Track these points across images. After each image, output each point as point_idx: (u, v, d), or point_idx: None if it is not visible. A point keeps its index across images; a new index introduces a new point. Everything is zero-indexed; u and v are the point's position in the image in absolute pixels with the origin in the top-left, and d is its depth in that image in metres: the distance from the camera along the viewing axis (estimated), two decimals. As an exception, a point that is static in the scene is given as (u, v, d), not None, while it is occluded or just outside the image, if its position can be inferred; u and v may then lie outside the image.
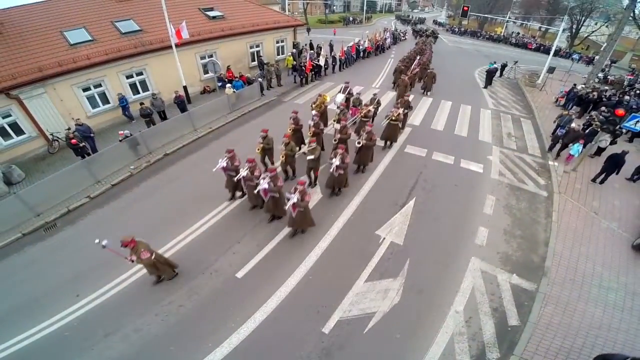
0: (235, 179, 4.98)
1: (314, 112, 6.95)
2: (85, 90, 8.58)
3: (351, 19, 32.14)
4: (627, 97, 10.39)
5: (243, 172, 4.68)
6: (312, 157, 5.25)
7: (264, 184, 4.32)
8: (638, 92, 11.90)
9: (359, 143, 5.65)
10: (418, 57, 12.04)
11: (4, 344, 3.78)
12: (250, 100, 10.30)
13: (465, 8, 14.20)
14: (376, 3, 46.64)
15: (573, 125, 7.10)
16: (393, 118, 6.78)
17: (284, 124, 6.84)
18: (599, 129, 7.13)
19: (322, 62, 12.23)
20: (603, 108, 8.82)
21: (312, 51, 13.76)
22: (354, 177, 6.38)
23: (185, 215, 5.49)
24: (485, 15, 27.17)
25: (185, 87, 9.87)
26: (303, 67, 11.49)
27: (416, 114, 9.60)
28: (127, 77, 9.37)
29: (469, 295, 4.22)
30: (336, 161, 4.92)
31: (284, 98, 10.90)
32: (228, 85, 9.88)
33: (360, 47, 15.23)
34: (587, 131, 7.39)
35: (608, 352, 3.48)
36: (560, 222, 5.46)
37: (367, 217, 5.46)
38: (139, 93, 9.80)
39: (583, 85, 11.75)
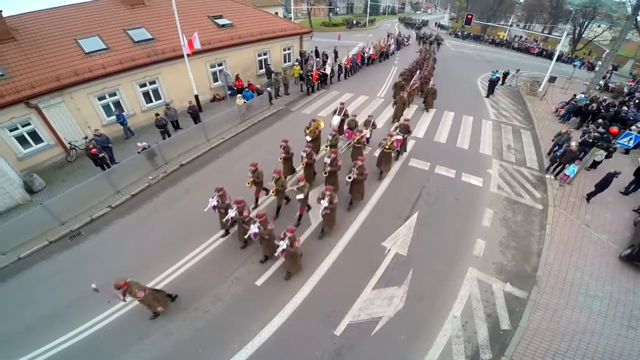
0: (224, 219, 4.96)
1: (307, 138, 6.91)
2: (100, 99, 8.87)
3: (355, 22, 32.17)
4: (624, 108, 10.65)
5: (232, 213, 4.68)
6: (301, 196, 5.18)
7: (254, 228, 4.35)
8: (637, 101, 12.13)
9: (349, 178, 5.51)
10: (419, 71, 11.89)
11: (43, 347, 4.12)
12: (260, 109, 10.66)
13: (470, 16, 14.41)
14: (379, 5, 46.46)
15: (572, 144, 7.05)
16: (386, 146, 6.52)
17: (291, 136, 7.00)
18: (591, 139, 7.40)
19: (328, 70, 12.52)
20: (600, 120, 9.14)
21: (318, 59, 14.05)
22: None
23: (204, 227, 5.81)
24: (487, 24, 27.20)
25: (196, 96, 10.17)
26: (310, 76, 11.80)
27: (419, 126, 9.94)
28: (141, 86, 9.67)
29: (466, 302, 4.65)
30: (324, 202, 4.83)
31: (292, 107, 11.23)
32: (239, 95, 10.23)
33: (365, 54, 15.50)
34: (580, 140, 7.60)
35: None
36: (553, 234, 5.85)
37: (374, 229, 5.86)
38: (151, 102, 10.11)
39: (583, 95, 12.01)
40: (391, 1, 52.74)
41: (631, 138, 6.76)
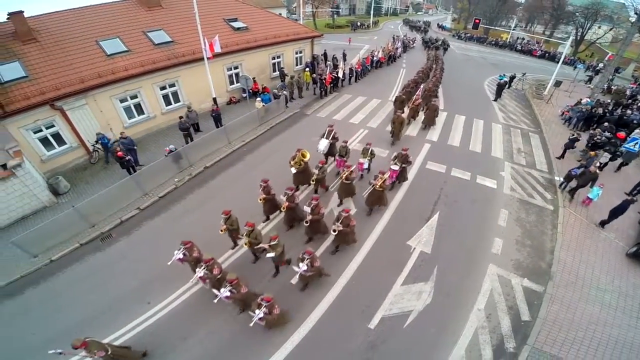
0: (191, 280, 4.63)
1: (292, 170, 6.34)
2: (122, 101, 8.98)
3: (359, 23, 32.26)
4: (628, 112, 11.04)
5: (200, 272, 4.20)
6: (272, 255, 4.61)
7: (225, 292, 3.97)
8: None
9: (334, 231, 4.99)
10: (422, 85, 11.04)
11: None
12: (277, 112, 10.91)
13: (477, 20, 14.73)
14: (381, 7, 46.48)
15: (593, 165, 6.71)
16: (378, 185, 5.65)
17: (305, 139, 7.14)
18: (596, 137, 7.67)
19: (340, 74, 12.79)
20: (606, 124, 9.51)
21: (329, 62, 14.27)
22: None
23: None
24: (490, 27, 27.54)
25: (214, 99, 10.35)
26: (323, 80, 12.06)
27: (433, 130, 10.24)
28: (161, 89, 9.81)
29: (489, 296, 5.01)
30: (303, 266, 4.30)
31: (307, 110, 11.48)
32: (258, 98, 10.47)
33: (375, 57, 15.78)
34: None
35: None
36: (565, 233, 6.24)
37: (398, 229, 6.19)
38: (171, 104, 10.25)
39: (588, 99, 12.39)
40: (393, 2, 52.88)
41: (637, 142, 7.17)
